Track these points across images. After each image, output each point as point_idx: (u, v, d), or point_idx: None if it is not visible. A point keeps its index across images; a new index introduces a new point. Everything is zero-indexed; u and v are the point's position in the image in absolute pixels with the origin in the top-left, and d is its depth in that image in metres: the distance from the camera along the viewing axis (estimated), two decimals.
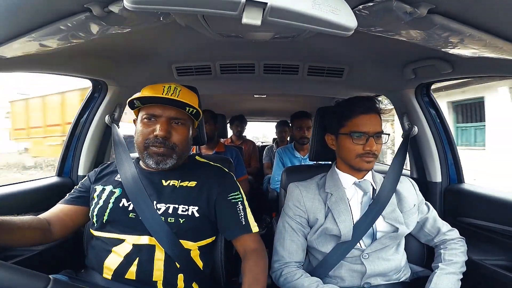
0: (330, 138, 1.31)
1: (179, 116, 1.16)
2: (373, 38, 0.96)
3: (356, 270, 1.19)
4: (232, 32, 1.23)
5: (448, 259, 1.19)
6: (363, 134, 1.18)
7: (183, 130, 1.18)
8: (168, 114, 1.15)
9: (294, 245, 1.23)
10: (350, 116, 1.20)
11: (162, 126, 1.12)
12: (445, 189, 1.70)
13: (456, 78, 1.45)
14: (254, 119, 5.88)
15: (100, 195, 1.16)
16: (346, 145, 1.21)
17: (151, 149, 1.14)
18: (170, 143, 1.14)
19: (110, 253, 1.06)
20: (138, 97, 1.13)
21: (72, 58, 1.34)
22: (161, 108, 1.14)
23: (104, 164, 1.33)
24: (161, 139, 1.12)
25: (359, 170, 1.24)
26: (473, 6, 0.73)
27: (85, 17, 0.82)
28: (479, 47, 0.85)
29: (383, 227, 1.20)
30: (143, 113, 1.17)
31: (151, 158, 1.14)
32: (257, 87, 2.50)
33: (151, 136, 1.13)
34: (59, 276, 1.06)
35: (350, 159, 1.22)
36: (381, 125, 1.21)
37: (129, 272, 1.03)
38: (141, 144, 1.15)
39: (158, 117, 1.14)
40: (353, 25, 0.64)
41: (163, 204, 1.11)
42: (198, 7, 0.61)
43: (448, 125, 1.73)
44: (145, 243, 1.06)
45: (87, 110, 1.78)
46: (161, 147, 1.13)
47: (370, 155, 1.18)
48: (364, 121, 1.18)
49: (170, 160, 1.15)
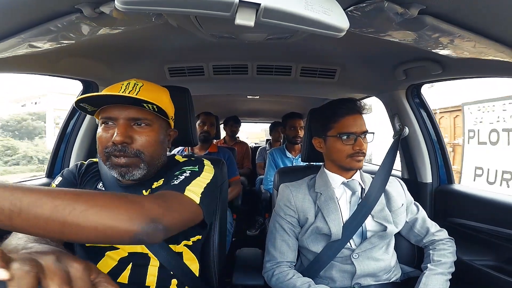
0: (318, 141, 1.32)
1: (141, 116, 0.96)
2: (365, 39, 0.97)
3: (347, 271, 1.20)
4: (225, 33, 1.23)
5: (437, 260, 1.21)
6: (351, 134, 1.20)
7: (149, 132, 0.98)
8: (126, 115, 0.94)
9: (285, 245, 1.24)
10: (336, 118, 1.22)
11: (119, 130, 0.92)
12: (435, 190, 1.72)
13: (446, 79, 1.47)
14: (247, 120, 5.88)
15: None
16: (336, 147, 1.23)
17: (112, 160, 0.94)
18: (132, 150, 0.94)
19: (104, 257, 1.02)
20: (82, 97, 0.89)
21: (62, 58, 1.32)
22: (118, 109, 0.94)
23: (80, 165, 1.14)
24: (119, 147, 0.93)
25: (350, 169, 1.26)
26: (463, 7, 0.74)
27: (76, 18, 0.81)
28: (469, 48, 0.87)
29: (372, 226, 1.22)
30: (100, 117, 0.98)
31: (114, 169, 0.96)
32: (250, 88, 2.51)
33: (109, 143, 0.94)
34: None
35: (341, 160, 1.23)
36: (365, 124, 1.23)
37: (122, 276, 1.00)
38: (102, 154, 0.96)
39: (115, 119, 0.95)
40: (345, 26, 0.64)
41: None
42: (190, 8, 0.60)
43: (438, 126, 1.75)
44: (139, 251, 1.02)
45: (78, 111, 1.76)
46: (121, 156, 0.93)
47: (360, 154, 1.20)
48: (350, 122, 1.20)
49: (137, 171, 0.96)
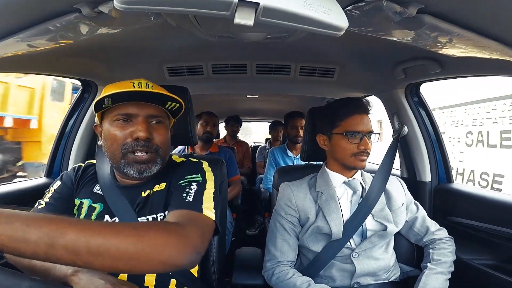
0: (322, 139, 1.32)
1: (159, 114, 1.00)
2: (364, 38, 0.97)
3: (346, 270, 1.20)
4: (224, 32, 1.23)
5: (437, 259, 1.21)
6: (358, 133, 1.20)
7: (164, 129, 1.02)
8: (146, 112, 0.97)
9: (286, 244, 1.24)
10: (344, 116, 1.22)
11: (142, 126, 0.94)
12: (435, 189, 1.72)
13: (445, 78, 1.47)
14: (246, 119, 5.88)
15: (78, 210, 1.03)
16: (341, 145, 1.23)
17: (130, 157, 0.96)
18: (153, 146, 0.97)
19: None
20: (110, 94, 0.92)
21: (61, 58, 1.32)
22: (136, 106, 0.96)
23: (78, 168, 1.13)
24: (143, 142, 0.95)
25: (353, 168, 1.26)
26: (462, 6, 0.74)
27: (75, 18, 0.81)
28: (467, 47, 0.87)
29: (373, 225, 1.22)
30: (113, 114, 0.97)
31: (131, 167, 0.97)
32: (249, 88, 2.51)
33: (128, 140, 0.95)
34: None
35: (345, 159, 1.23)
36: (371, 124, 1.24)
37: (120, 276, 0.97)
38: (117, 151, 0.96)
39: (134, 116, 0.97)
40: (344, 25, 0.64)
41: (143, 217, 1.00)
42: (190, 7, 0.60)
43: (437, 125, 1.75)
44: None
45: (77, 111, 1.76)
46: (144, 152, 0.96)
47: (364, 153, 1.20)
48: (358, 121, 1.20)
49: (155, 166, 0.99)
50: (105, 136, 0.99)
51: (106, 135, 0.99)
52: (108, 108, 0.98)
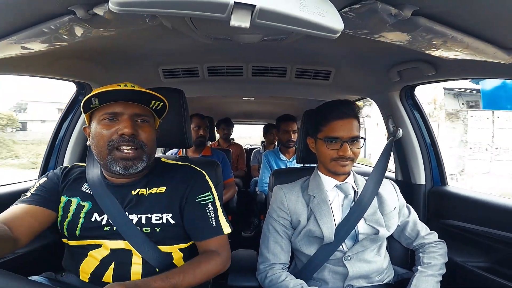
0: (311, 141, 1.32)
1: (143, 113, 1.05)
2: (359, 41, 0.97)
3: (339, 272, 1.20)
4: (220, 34, 1.23)
5: (427, 262, 1.22)
6: (337, 139, 1.18)
7: (149, 128, 1.07)
8: (131, 111, 1.02)
9: (278, 246, 1.24)
10: (325, 121, 1.21)
11: (127, 123, 1.00)
12: (429, 191, 1.72)
13: (439, 81, 1.48)
14: (242, 122, 5.87)
15: (66, 208, 1.06)
16: (321, 150, 1.22)
17: (116, 153, 1.01)
18: (139, 141, 1.02)
19: (86, 257, 1.02)
20: (96, 93, 0.97)
21: (56, 60, 1.31)
22: (122, 105, 1.01)
23: (64, 168, 1.17)
24: (128, 137, 1.00)
25: (334, 173, 1.25)
26: (456, 9, 0.75)
27: (69, 20, 0.80)
28: (461, 49, 0.87)
29: (365, 229, 1.21)
30: (100, 114, 1.02)
31: (117, 163, 1.01)
32: (245, 90, 2.50)
33: (114, 137, 1.00)
34: (39, 278, 1.03)
35: (326, 163, 1.23)
36: (358, 129, 1.21)
37: (106, 275, 1.00)
38: (104, 148, 1.01)
39: (120, 115, 1.02)
40: (340, 27, 0.64)
41: (135, 215, 1.04)
42: (185, 9, 0.60)
43: (431, 128, 1.77)
44: (122, 248, 1.02)
45: (71, 113, 1.75)
46: (129, 147, 1.00)
47: (345, 159, 1.19)
48: (338, 126, 1.18)
49: (140, 163, 1.03)
50: (93, 135, 1.04)
51: (93, 134, 1.04)
52: (96, 109, 1.04)
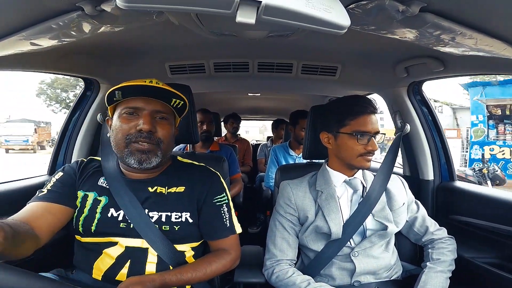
0: (326, 137, 1.28)
1: (164, 110, 1.07)
2: (366, 36, 0.97)
3: (346, 268, 1.20)
4: (226, 30, 1.23)
5: (436, 258, 1.21)
6: (367, 133, 1.18)
7: (168, 126, 1.08)
8: (152, 107, 1.04)
9: (285, 243, 1.24)
10: (353, 115, 1.19)
11: (145, 119, 1.02)
12: (437, 187, 1.71)
13: (448, 76, 1.46)
14: (248, 118, 5.88)
15: (83, 202, 1.06)
16: (348, 144, 1.20)
17: (133, 146, 1.02)
18: (155, 138, 1.04)
19: (101, 255, 1.02)
20: (120, 87, 1.01)
21: (64, 56, 1.32)
22: (143, 101, 1.04)
23: (80, 162, 1.18)
24: (145, 133, 1.02)
25: (358, 168, 1.25)
26: (465, 5, 0.74)
27: (77, 16, 0.81)
28: (470, 46, 0.86)
29: (373, 225, 1.21)
30: (122, 108, 1.05)
31: (132, 156, 1.03)
32: (251, 86, 2.51)
33: (132, 131, 1.02)
34: (49, 274, 1.04)
35: (352, 159, 1.21)
36: (378, 124, 1.22)
37: (120, 274, 1.00)
38: (121, 141, 1.03)
39: (140, 110, 1.04)
40: (346, 24, 0.64)
41: (156, 213, 1.06)
42: (192, 5, 0.60)
43: (440, 123, 1.75)
44: (138, 246, 1.03)
45: (80, 109, 1.77)
46: (145, 143, 1.02)
47: (371, 154, 1.19)
48: (367, 121, 1.18)
49: (154, 158, 1.04)
50: (113, 128, 1.07)
51: (113, 127, 1.07)
52: (119, 103, 1.06)
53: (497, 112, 10.08)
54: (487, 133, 10.24)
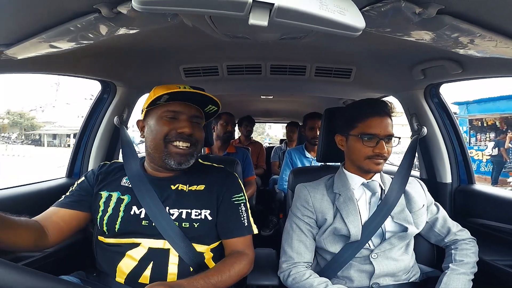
0: (340, 139, 1.30)
1: (199, 115, 1.17)
2: (381, 38, 0.95)
3: (365, 270, 1.18)
4: (239, 33, 1.23)
5: (459, 260, 1.18)
6: (374, 136, 1.17)
7: (200, 129, 1.18)
8: (190, 112, 1.14)
9: (303, 245, 1.23)
10: (361, 117, 1.20)
11: (186, 123, 1.11)
12: (455, 190, 1.68)
13: (466, 79, 1.43)
14: (260, 120, 5.87)
15: (107, 202, 1.10)
16: (356, 147, 1.21)
17: (171, 148, 1.10)
18: (194, 139, 1.13)
19: (124, 257, 1.04)
20: (168, 92, 1.07)
21: (81, 59, 1.35)
22: (182, 106, 1.12)
23: (103, 165, 1.25)
24: (186, 136, 1.10)
25: (368, 171, 1.23)
26: (483, 6, 0.72)
27: (94, 18, 0.83)
28: (490, 48, 0.84)
29: (392, 227, 1.20)
30: (162, 111, 1.12)
31: (172, 158, 1.11)
32: (264, 88, 2.51)
33: (172, 132, 1.10)
34: (70, 277, 1.05)
35: (359, 161, 1.21)
36: (392, 128, 1.20)
37: (143, 276, 1.02)
38: (160, 141, 1.11)
39: (180, 114, 1.12)
40: (361, 26, 0.63)
41: (176, 210, 1.09)
42: (205, 7, 0.61)
43: (458, 126, 1.72)
44: (160, 247, 1.04)
45: (97, 111, 1.81)
46: (186, 144, 1.11)
47: (380, 157, 1.17)
48: (375, 124, 1.17)
49: (191, 159, 1.14)
50: (150, 129, 1.14)
51: (151, 128, 1.13)
52: (157, 106, 1.13)
53: (478, 124, 13.18)
54: (469, 140, 13.19)
